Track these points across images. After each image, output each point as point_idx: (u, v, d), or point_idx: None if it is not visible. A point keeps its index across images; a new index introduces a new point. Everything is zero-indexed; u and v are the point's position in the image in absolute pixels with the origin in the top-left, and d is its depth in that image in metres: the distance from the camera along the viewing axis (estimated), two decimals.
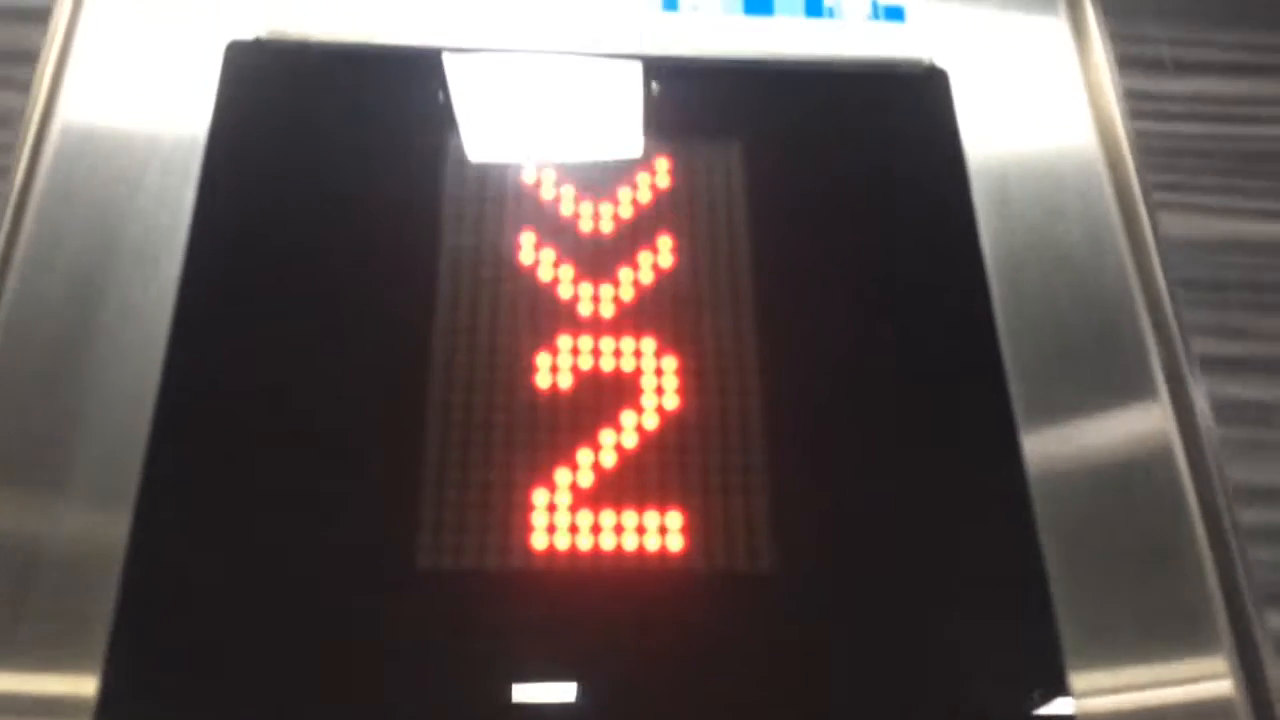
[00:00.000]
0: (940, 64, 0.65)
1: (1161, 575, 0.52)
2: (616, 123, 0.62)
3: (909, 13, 0.66)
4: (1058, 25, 0.67)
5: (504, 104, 0.62)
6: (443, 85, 0.62)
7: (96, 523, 0.49)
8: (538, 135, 0.61)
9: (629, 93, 0.63)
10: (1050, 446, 0.55)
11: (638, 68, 0.63)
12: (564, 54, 0.63)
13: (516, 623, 0.49)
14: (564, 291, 0.57)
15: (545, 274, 0.57)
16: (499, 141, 0.61)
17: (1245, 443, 0.55)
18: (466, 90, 0.62)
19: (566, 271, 0.57)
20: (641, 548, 0.51)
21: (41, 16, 0.61)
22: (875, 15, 0.66)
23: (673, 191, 0.60)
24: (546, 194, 0.59)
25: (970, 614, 0.51)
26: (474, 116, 0.61)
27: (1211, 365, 0.57)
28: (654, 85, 0.63)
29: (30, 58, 0.59)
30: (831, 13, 0.66)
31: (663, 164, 0.60)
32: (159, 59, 0.61)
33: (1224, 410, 0.56)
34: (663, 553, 0.51)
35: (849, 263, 0.59)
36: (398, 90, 0.61)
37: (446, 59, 0.62)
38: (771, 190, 0.60)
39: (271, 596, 0.49)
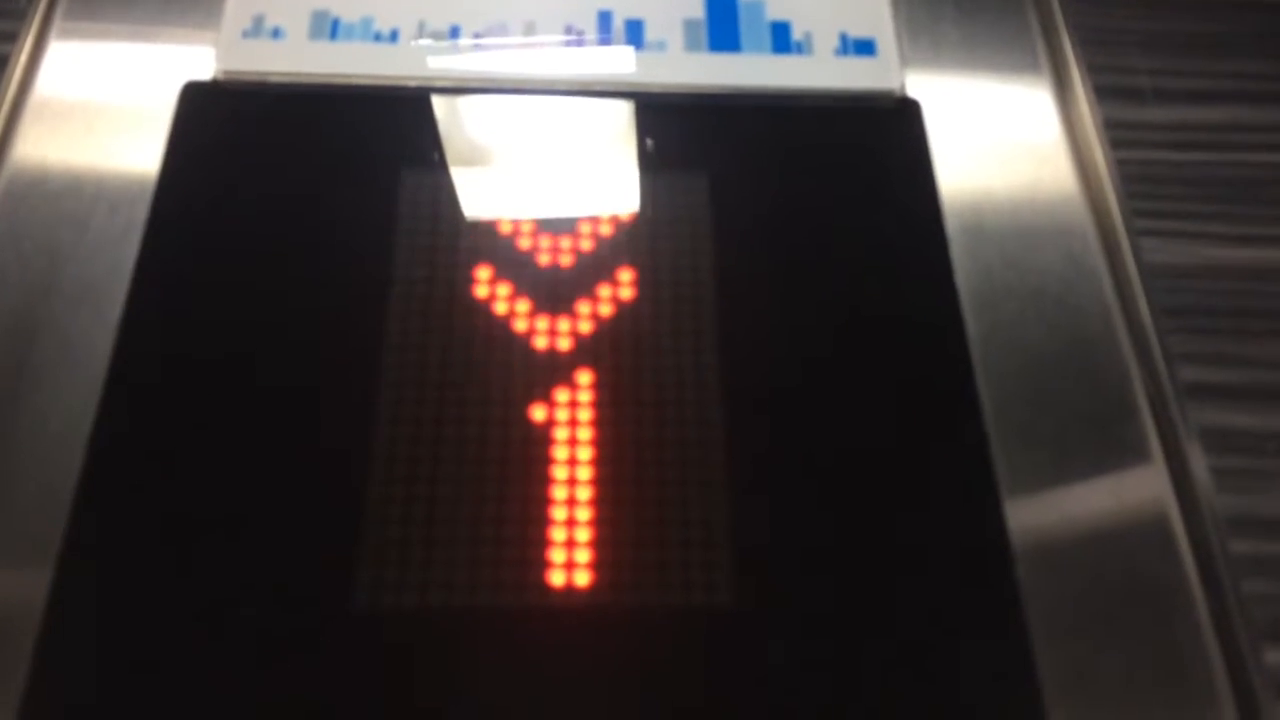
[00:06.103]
0: (912, 95, 0.63)
1: (1151, 614, 0.49)
2: (581, 159, 0.61)
3: (880, 46, 0.65)
4: (1033, 58, 0.66)
5: (464, 142, 0.61)
6: (397, 125, 0.60)
7: (14, 579, 0.47)
8: (499, 173, 0.60)
9: (594, 129, 0.62)
10: (1030, 482, 0.52)
11: (602, 104, 0.62)
12: (524, 92, 0.62)
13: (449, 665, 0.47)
14: (519, 325, 0.55)
15: (500, 308, 0.55)
16: (457, 180, 0.59)
17: (1237, 471, 0.53)
18: (421, 130, 0.60)
19: (523, 305, 0.55)
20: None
21: None
22: (844, 49, 0.64)
23: (635, 226, 0.58)
24: (505, 230, 0.58)
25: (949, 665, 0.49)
26: (431, 156, 0.60)
27: (1198, 393, 0.54)
28: (619, 120, 0.62)
29: None
30: (800, 48, 0.64)
31: (628, 202, 0.59)
32: (115, 104, 0.60)
33: (1213, 439, 0.53)
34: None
35: (819, 298, 0.57)
36: (352, 131, 0.60)
37: (400, 99, 0.61)
38: (739, 225, 0.59)
39: (199, 655, 0.46)
